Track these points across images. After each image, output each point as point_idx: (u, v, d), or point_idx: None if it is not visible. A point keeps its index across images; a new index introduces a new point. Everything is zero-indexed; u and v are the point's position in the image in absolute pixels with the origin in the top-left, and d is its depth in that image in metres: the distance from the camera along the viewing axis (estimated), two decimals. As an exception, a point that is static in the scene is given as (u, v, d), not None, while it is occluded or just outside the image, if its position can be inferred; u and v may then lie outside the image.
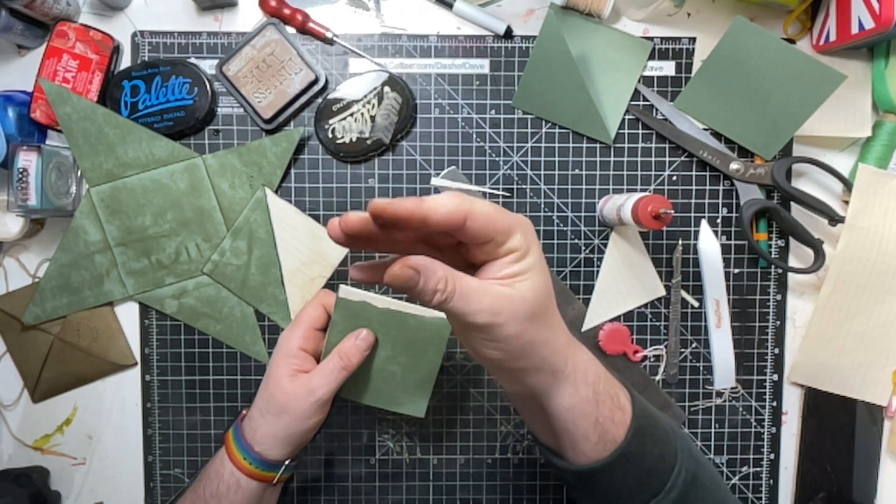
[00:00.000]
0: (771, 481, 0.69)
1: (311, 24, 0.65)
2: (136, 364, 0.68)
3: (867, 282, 0.65)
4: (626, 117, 0.67)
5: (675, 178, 0.68)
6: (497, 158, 0.67)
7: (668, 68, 0.67)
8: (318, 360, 0.56)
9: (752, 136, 0.65)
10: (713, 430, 0.69)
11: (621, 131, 0.67)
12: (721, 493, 0.47)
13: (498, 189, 0.67)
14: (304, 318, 0.55)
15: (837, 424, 0.67)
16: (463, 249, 0.40)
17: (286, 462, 0.55)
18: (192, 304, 0.67)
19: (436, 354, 0.57)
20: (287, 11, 0.65)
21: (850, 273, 0.65)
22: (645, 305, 0.68)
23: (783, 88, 0.61)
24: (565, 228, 0.68)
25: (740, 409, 0.69)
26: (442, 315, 0.55)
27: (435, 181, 0.63)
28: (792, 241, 0.68)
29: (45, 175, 0.61)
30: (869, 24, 0.56)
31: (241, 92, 0.64)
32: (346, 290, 0.54)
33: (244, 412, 0.57)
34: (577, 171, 0.67)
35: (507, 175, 0.67)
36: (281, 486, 0.57)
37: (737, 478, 0.69)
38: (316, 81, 0.65)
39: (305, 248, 0.67)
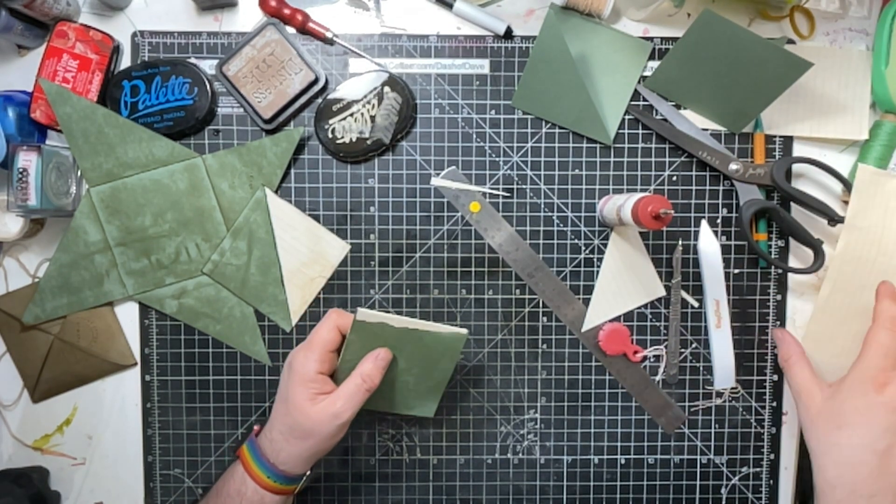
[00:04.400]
0: (771, 481, 0.69)
1: (311, 24, 0.65)
2: (136, 364, 0.68)
3: (867, 282, 0.65)
4: (626, 118, 0.67)
5: (675, 178, 0.68)
6: (497, 158, 0.67)
7: (668, 68, 0.67)
8: (332, 377, 0.57)
9: (720, 113, 0.66)
10: (713, 430, 0.69)
11: (621, 131, 0.67)
12: None
13: (498, 189, 0.67)
14: (318, 341, 0.55)
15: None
16: None
17: (307, 473, 0.57)
18: (192, 304, 0.67)
19: (449, 363, 0.59)
20: (287, 11, 0.65)
21: (849, 273, 0.65)
22: (645, 305, 0.68)
23: (750, 73, 0.62)
24: (565, 228, 0.68)
25: (740, 409, 0.69)
26: (458, 330, 0.56)
27: (435, 181, 0.63)
28: (792, 241, 0.68)
29: (45, 175, 0.61)
30: None
31: (241, 92, 0.64)
32: (363, 313, 0.54)
33: (257, 428, 0.58)
34: (577, 171, 0.67)
35: (507, 175, 0.67)
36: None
37: (737, 478, 0.69)
38: (316, 81, 0.65)
39: (305, 248, 0.67)
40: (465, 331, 0.56)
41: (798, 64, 0.60)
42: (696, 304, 0.68)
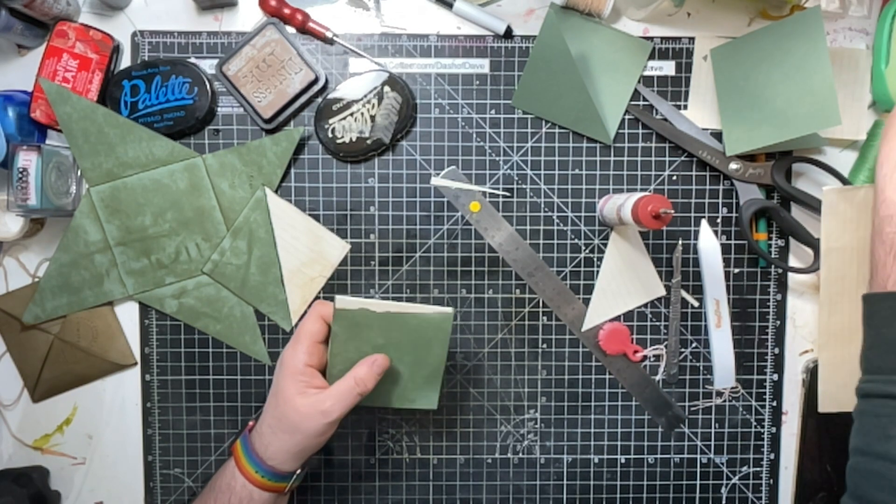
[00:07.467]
0: (771, 481, 0.69)
1: (311, 24, 0.65)
2: (136, 364, 0.68)
3: (857, 297, 0.63)
4: (626, 117, 0.67)
5: (675, 178, 0.68)
6: (497, 158, 0.67)
7: (668, 68, 0.67)
8: (322, 372, 0.56)
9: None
10: (713, 430, 0.69)
11: (621, 131, 0.67)
12: None
13: (498, 189, 0.67)
14: (304, 333, 0.55)
15: (837, 424, 0.67)
16: None
17: (297, 472, 0.56)
18: (192, 303, 0.67)
19: (441, 348, 0.57)
20: (287, 11, 0.65)
21: (839, 294, 0.64)
22: (645, 305, 0.68)
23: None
24: (565, 228, 0.68)
25: (740, 408, 0.69)
26: (443, 309, 0.55)
27: (435, 181, 0.63)
28: (792, 241, 0.68)
29: (45, 175, 0.61)
30: None
31: (241, 92, 0.64)
32: (342, 300, 0.53)
33: (251, 423, 0.58)
34: (577, 171, 0.67)
35: (507, 175, 0.67)
36: (291, 492, 0.58)
37: (737, 478, 0.69)
38: (316, 81, 0.65)
39: (305, 248, 0.67)
40: (450, 309, 0.55)
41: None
42: (696, 304, 0.68)
